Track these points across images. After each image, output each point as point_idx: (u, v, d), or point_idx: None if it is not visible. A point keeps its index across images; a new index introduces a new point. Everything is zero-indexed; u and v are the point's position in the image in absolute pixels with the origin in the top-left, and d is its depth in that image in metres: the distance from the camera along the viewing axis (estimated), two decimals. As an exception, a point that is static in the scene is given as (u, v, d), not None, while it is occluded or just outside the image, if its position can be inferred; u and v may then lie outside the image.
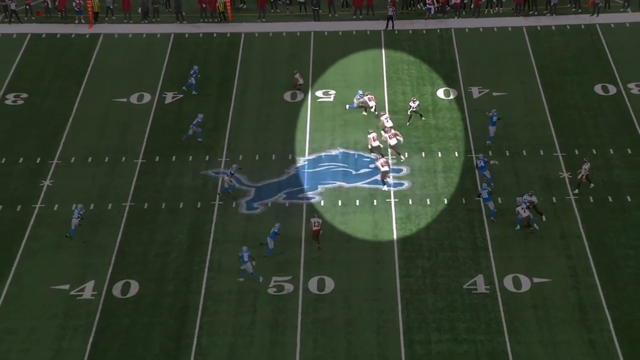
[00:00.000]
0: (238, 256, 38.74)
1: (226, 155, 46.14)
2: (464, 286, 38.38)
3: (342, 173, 44.92)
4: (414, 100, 47.87)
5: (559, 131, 47.25)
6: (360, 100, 48.56)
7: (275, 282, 38.73)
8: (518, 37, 55.32)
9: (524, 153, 45.76)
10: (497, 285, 38.40)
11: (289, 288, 38.52)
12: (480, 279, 38.68)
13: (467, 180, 44.13)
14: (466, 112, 48.72)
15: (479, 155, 44.23)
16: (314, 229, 40.32)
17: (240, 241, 40.48)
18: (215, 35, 56.50)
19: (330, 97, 50.44)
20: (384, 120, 46.47)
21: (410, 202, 42.92)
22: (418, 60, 53.46)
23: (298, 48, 54.94)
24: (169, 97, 50.68)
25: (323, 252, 40.16)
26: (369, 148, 45.59)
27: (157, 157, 46.09)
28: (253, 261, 38.71)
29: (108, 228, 41.76)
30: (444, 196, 43.20)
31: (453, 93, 50.50)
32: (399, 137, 45.48)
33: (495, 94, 50.15)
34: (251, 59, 53.98)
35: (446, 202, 42.81)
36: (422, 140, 46.94)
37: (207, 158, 45.91)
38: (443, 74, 52.10)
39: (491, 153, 45.47)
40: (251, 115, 49.26)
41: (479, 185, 43.27)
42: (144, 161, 45.88)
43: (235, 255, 39.21)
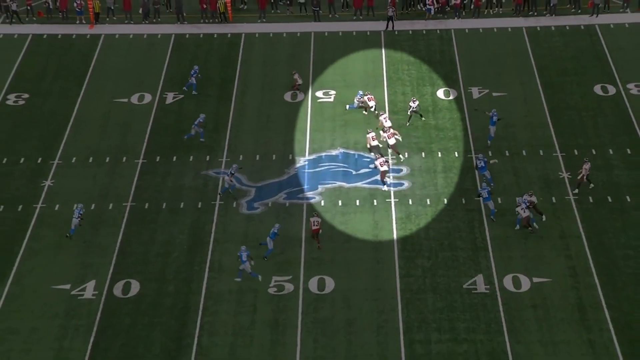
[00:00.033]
0: (238, 256, 38.82)
1: (227, 155, 46.18)
2: (464, 286, 38.40)
3: (342, 173, 44.98)
4: (414, 100, 47.92)
5: (559, 131, 47.29)
6: (360, 100, 48.67)
7: (275, 282, 38.77)
8: (518, 38, 55.35)
9: (524, 153, 45.79)
10: (497, 285, 38.42)
11: (289, 288, 38.56)
12: (480, 279, 38.71)
13: (467, 180, 44.17)
14: (466, 113, 48.75)
15: (479, 155, 44.24)
16: (314, 228, 40.40)
17: (240, 241, 40.49)
18: (215, 35, 56.54)
19: (330, 98, 50.49)
20: (383, 120, 46.54)
21: (410, 202, 42.97)
22: (418, 60, 53.50)
23: (298, 48, 54.96)
24: (170, 98, 50.73)
25: (323, 252, 40.21)
26: (368, 147, 45.67)
27: (158, 157, 46.16)
28: (252, 261, 38.75)
29: (109, 228, 41.80)
30: (444, 196, 43.24)
31: (453, 93, 50.53)
32: (398, 137, 45.54)
33: (495, 95, 50.19)
34: (252, 60, 54.01)
35: (446, 202, 42.84)
36: (422, 140, 47.01)
37: (208, 158, 45.97)
38: (443, 75, 52.12)
39: (491, 153, 45.52)
40: (251, 115, 49.31)
41: (479, 185, 43.32)
42: (145, 161, 45.92)
43: (236, 255, 39.21)
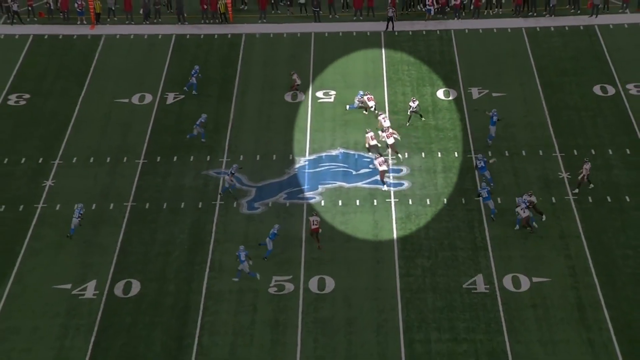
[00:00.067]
0: (236, 256, 38.79)
1: (227, 155, 46.26)
2: (464, 286, 38.48)
3: (343, 173, 45.06)
4: (414, 100, 47.99)
5: (558, 131, 47.37)
6: (360, 100, 48.76)
7: (275, 282, 38.84)
8: (517, 38, 55.42)
9: (523, 153, 45.87)
10: (497, 284, 38.49)
11: (290, 287, 38.63)
12: (479, 279, 38.77)
13: (467, 180, 44.24)
14: (466, 113, 48.85)
15: (478, 155, 44.34)
16: (313, 227, 40.45)
17: (241, 241, 40.55)
18: (216, 36, 56.64)
19: (330, 98, 50.57)
20: (382, 120, 46.65)
21: (410, 202, 43.05)
22: (418, 61, 53.58)
23: (299, 49, 55.04)
24: (171, 98, 50.81)
25: (323, 252, 40.28)
26: (366, 147, 45.78)
27: (159, 158, 46.25)
28: (250, 260, 38.79)
29: (110, 228, 41.89)
30: (444, 196, 43.32)
31: (453, 94, 50.61)
32: (396, 136, 45.61)
33: (494, 95, 50.26)
34: (252, 60, 54.09)
35: (446, 202, 42.95)
36: (422, 140, 47.09)
37: (209, 158, 46.06)
38: (443, 75, 52.20)
39: (490, 153, 45.61)
40: (252, 115, 49.40)
41: (479, 185, 43.41)
42: (146, 161, 46.00)
43: (236, 255, 39.32)
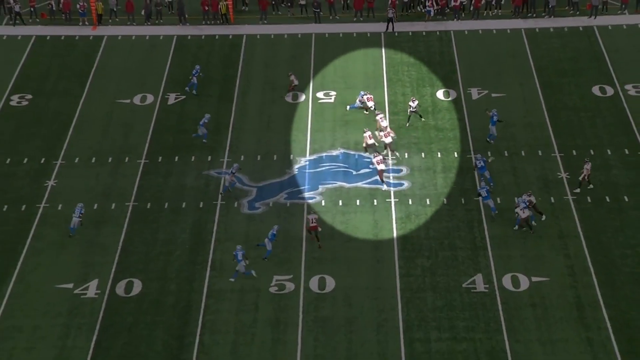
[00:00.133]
0: (234, 255, 38.96)
1: (228, 155, 46.40)
2: (463, 285, 38.59)
3: (343, 173, 45.20)
4: (414, 99, 48.11)
5: (557, 132, 47.50)
6: (361, 100, 48.90)
7: (276, 281, 38.96)
8: (517, 39, 55.54)
9: (523, 153, 46.01)
10: (496, 284, 38.60)
11: (290, 287, 38.75)
12: (479, 278, 38.88)
13: (467, 180, 44.38)
14: (465, 113, 49.02)
15: (477, 155, 44.51)
16: (311, 225, 40.51)
17: (242, 241, 40.69)
18: (217, 37, 56.80)
19: (331, 98, 50.70)
20: (380, 120, 46.80)
21: (410, 202, 43.19)
22: (418, 61, 53.71)
23: (299, 50, 55.17)
24: (172, 98, 50.96)
25: (324, 251, 40.42)
26: (364, 146, 45.95)
27: (160, 158, 46.41)
28: (246, 260, 38.89)
29: (111, 227, 42.01)
30: (444, 196, 43.45)
31: (452, 94, 50.74)
32: (393, 135, 45.73)
33: (494, 95, 50.38)
34: (253, 61, 54.22)
35: (445, 202, 43.10)
36: (422, 140, 47.23)
37: (210, 158, 46.21)
38: (442, 76, 52.34)
39: (490, 153, 45.75)
40: (253, 115, 49.54)
41: (478, 185, 43.57)
42: (147, 161, 46.15)
43: (237, 254, 39.64)
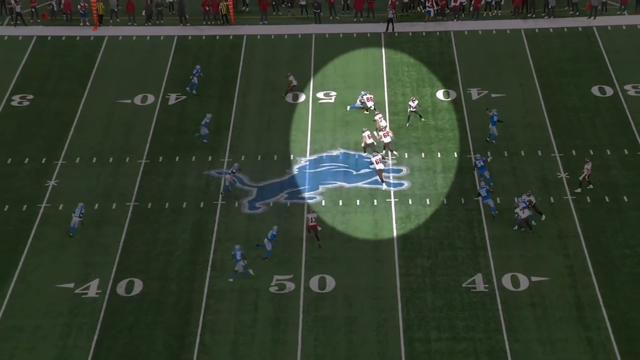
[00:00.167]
0: (232, 255, 39.03)
1: (229, 155, 46.47)
2: (463, 285, 38.66)
3: (343, 173, 45.28)
4: (413, 99, 48.17)
5: (557, 132, 47.57)
6: (362, 100, 48.98)
7: (276, 281, 39.04)
8: (516, 40, 55.60)
9: (522, 154, 46.08)
10: (496, 284, 38.66)
11: (291, 286, 38.82)
12: (479, 278, 38.95)
13: (466, 180, 44.47)
14: (465, 113, 49.10)
15: (477, 155, 44.59)
16: (310, 224, 40.58)
17: (242, 240, 40.76)
18: (217, 37, 56.88)
19: (331, 99, 50.78)
20: (379, 120, 46.89)
21: (410, 202, 43.27)
22: (418, 62, 53.77)
23: (299, 50, 55.24)
24: (173, 99, 51.04)
25: (324, 251, 40.49)
26: (362, 146, 46.04)
27: (161, 158, 46.49)
28: (245, 260, 38.92)
29: (112, 227, 42.09)
30: (443, 196, 43.53)
31: (452, 94, 50.80)
32: (392, 135, 45.75)
33: (493, 95, 50.44)
34: (253, 61, 54.28)
35: (445, 202, 43.19)
36: (422, 140, 47.31)
37: (210, 158, 46.30)
38: (442, 76, 52.41)
39: (489, 153, 45.81)
40: (253, 116, 49.61)
41: (478, 185, 43.65)
42: (148, 161, 46.23)
43: (237, 254, 39.72)
